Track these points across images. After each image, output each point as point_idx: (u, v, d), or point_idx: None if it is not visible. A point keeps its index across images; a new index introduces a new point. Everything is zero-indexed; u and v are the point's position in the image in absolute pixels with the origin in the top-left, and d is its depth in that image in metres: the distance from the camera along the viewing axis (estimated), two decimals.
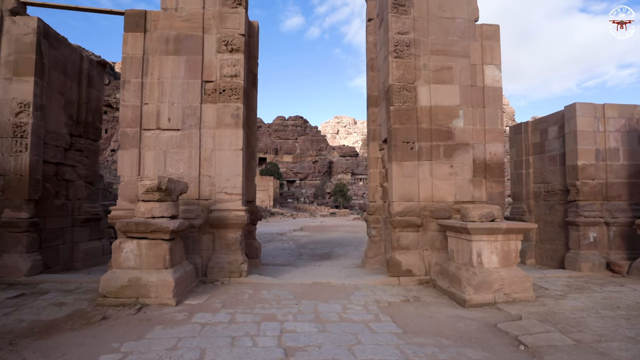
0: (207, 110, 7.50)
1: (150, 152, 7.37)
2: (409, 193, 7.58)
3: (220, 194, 7.35)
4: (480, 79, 7.87)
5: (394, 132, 7.61)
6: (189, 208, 7.19)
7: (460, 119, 7.76)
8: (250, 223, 9.23)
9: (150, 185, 5.70)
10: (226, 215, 7.19)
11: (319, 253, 12.58)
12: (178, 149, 7.39)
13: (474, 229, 5.97)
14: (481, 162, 7.79)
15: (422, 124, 7.71)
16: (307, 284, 7.13)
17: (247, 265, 7.32)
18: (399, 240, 7.50)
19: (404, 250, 7.50)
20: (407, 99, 7.67)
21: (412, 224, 7.47)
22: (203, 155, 7.43)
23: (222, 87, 7.47)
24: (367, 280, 7.37)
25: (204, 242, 7.32)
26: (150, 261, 5.70)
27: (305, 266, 9.82)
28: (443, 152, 7.69)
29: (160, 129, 7.41)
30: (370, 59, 9.74)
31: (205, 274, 7.20)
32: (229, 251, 7.27)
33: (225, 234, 7.27)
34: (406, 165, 7.59)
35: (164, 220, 5.75)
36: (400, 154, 7.59)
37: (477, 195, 7.73)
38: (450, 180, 7.67)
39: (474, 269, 6.06)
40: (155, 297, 5.56)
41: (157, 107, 7.43)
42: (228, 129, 7.42)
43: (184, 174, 7.35)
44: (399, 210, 7.51)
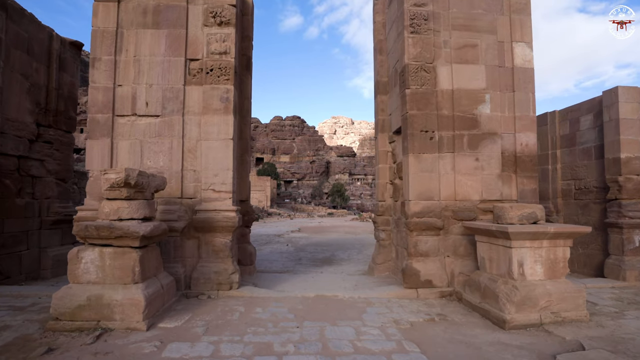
0: (191, 93, 6.32)
1: (124, 142, 6.18)
2: (428, 190, 6.43)
3: (206, 192, 6.17)
4: (508, 58, 6.74)
5: (411, 120, 6.46)
6: (170, 208, 6.01)
7: (487, 104, 6.63)
8: (243, 225, 8.07)
9: (116, 180, 4.52)
10: (214, 217, 6.01)
11: (319, 257, 11.43)
12: (157, 139, 6.21)
13: (515, 233, 4.83)
14: (511, 155, 6.66)
15: (443, 110, 6.57)
16: (310, 298, 5.96)
17: (238, 275, 6.14)
18: (416, 245, 6.35)
19: (422, 258, 6.35)
20: (426, 81, 6.53)
21: (431, 226, 6.33)
22: (187, 146, 6.25)
23: (210, 66, 6.30)
24: (380, 293, 6.22)
25: (187, 248, 6.13)
26: (115, 274, 4.52)
27: (306, 273, 8.67)
28: (467, 142, 6.55)
29: (136, 115, 6.22)
30: (379, 41, 8.60)
31: (188, 286, 6.02)
32: (217, 259, 6.09)
33: (213, 239, 6.09)
34: (425, 158, 6.44)
35: (133, 224, 4.57)
36: (417, 144, 6.44)
37: (507, 192, 6.60)
38: (475, 175, 6.54)
39: (515, 281, 4.92)
40: (121, 319, 4.37)
41: (133, 90, 6.24)
42: (216, 115, 6.24)
43: (164, 167, 6.16)
44: (417, 210, 6.37)
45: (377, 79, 8.62)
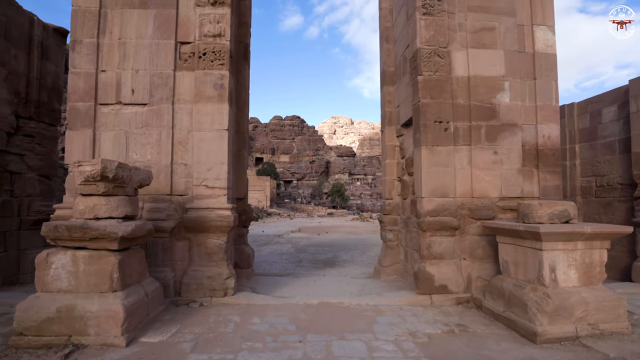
0: (182, 79, 5.71)
1: (107, 133, 5.57)
2: (443, 187, 5.82)
3: (199, 188, 5.56)
4: (529, 43, 6.14)
5: (423, 109, 5.86)
6: (158, 206, 5.39)
7: (506, 92, 6.03)
8: (240, 225, 7.46)
9: (92, 172, 3.90)
10: (207, 216, 5.40)
11: (321, 259, 10.81)
12: (144, 130, 5.59)
13: (548, 233, 4.22)
14: (532, 148, 6.06)
15: (458, 99, 5.96)
16: (313, 306, 5.35)
17: (234, 280, 5.52)
18: (430, 247, 5.75)
19: (436, 260, 5.74)
20: (439, 67, 5.93)
21: (446, 226, 5.72)
22: (177, 138, 5.64)
23: (203, 50, 5.69)
24: (391, 299, 5.61)
25: (177, 250, 5.52)
26: (90, 281, 3.90)
27: (307, 276, 8.07)
28: (485, 134, 5.95)
29: (121, 104, 5.61)
30: (385, 29, 8.00)
31: (178, 293, 5.41)
32: (210, 262, 5.48)
33: (206, 240, 5.47)
34: (439, 151, 5.84)
35: (112, 223, 3.95)
36: (431, 136, 5.83)
37: (528, 189, 6.00)
38: (494, 170, 5.93)
39: (546, 288, 4.32)
40: (96, 334, 3.76)
41: (118, 75, 5.63)
42: (210, 104, 5.63)
43: (152, 161, 5.55)
44: (430, 208, 5.76)
45: (383, 69, 8.01)
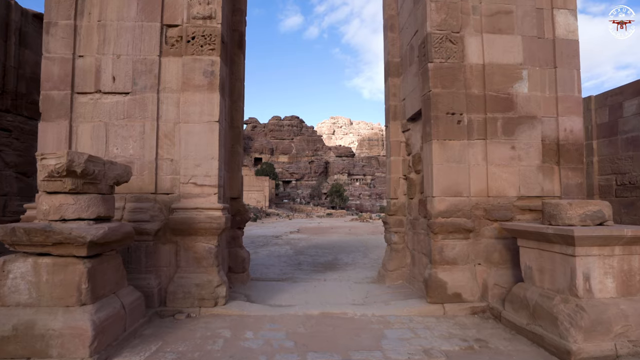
0: (168, 65, 5.14)
1: (85, 125, 5.00)
2: (456, 185, 5.27)
3: (186, 186, 4.99)
4: (549, 28, 5.60)
5: (434, 99, 5.30)
6: (141, 206, 4.82)
7: (524, 82, 5.48)
8: (235, 227, 6.90)
9: (56, 167, 3.33)
10: (195, 217, 4.83)
11: (321, 261, 10.24)
12: (126, 121, 5.02)
13: (583, 237, 3.66)
14: (552, 142, 5.51)
15: (472, 89, 5.41)
16: (313, 317, 4.78)
17: (225, 288, 4.95)
18: (442, 251, 5.19)
19: (449, 266, 5.18)
20: (451, 54, 5.37)
21: (460, 228, 5.16)
22: (162, 130, 5.07)
23: (191, 34, 5.12)
24: (399, 309, 5.04)
25: (162, 255, 4.95)
26: (54, 294, 3.33)
27: (307, 281, 7.50)
28: (501, 127, 5.40)
29: (100, 93, 5.04)
30: (389, 17, 7.45)
31: (164, 302, 4.83)
32: (198, 268, 4.90)
33: (194, 244, 4.90)
34: (451, 146, 5.28)
35: (80, 226, 3.39)
36: (442, 129, 5.28)
37: (548, 187, 5.45)
38: (511, 166, 5.38)
39: (579, 300, 3.76)
40: (60, 355, 3.18)
41: (97, 61, 5.06)
42: (199, 93, 5.06)
43: (135, 156, 4.98)
44: (442, 209, 5.20)
45: (387, 60, 7.46)
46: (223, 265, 5.81)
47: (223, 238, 5.75)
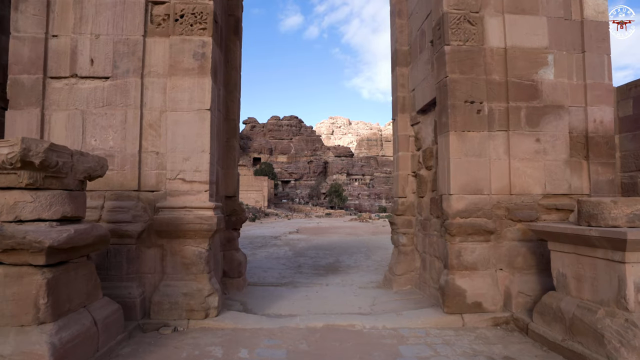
0: (154, 47, 4.54)
1: (60, 113, 4.39)
2: (475, 181, 4.69)
3: (174, 182, 4.39)
4: (576, 8, 5.03)
5: (452, 86, 4.72)
6: (122, 205, 4.22)
7: (549, 67, 4.90)
8: (230, 227, 6.31)
9: (9, 156, 2.73)
10: (183, 217, 4.23)
11: (322, 264, 9.65)
12: (106, 109, 4.42)
13: (637, 240, 3.09)
14: (580, 135, 4.94)
15: (493, 75, 4.83)
16: (317, 330, 4.20)
17: (217, 297, 4.35)
18: (460, 255, 4.60)
19: (467, 272, 4.60)
20: (470, 36, 4.80)
21: (480, 229, 4.58)
22: (147, 119, 4.47)
23: (180, 11, 4.52)
24: (413, 321, 4.45)
25: (146, 260, 4.35)
26: (5, 311, 2.73)
27: (308, 285, 6.93)
28: (525, 117, 4.82)
29: (77, 77, 4.44)
30: (397, 2, 6.88)
31: (148, 314, 4.23)
32: (187, 275, 4.30)
33: (182, 248, 4.30)
34: (471, 138, 4.70)
35: (39, 228, 2.79)
36: (461, 119, 4.70)
37: (576, 184, 4.88)
38: (536, 161, 4.80)
39: (630, 314, 3.18)
40: None
41: (73, 42, 4.45)
42: (188, 77, 4.46)
43: (116, 148, 4.38)
44: (460, 208, 4.62)
45: (395, 48, 6.89)
46: (216, 271, 5.22)
47: (216, 240, 5.16)
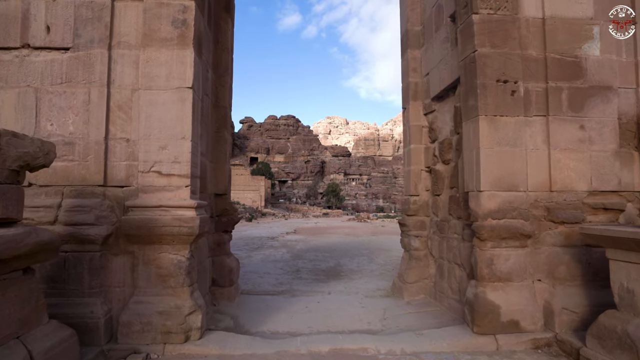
0: (125, 12, 3.72)
1: (8, 91, 3.57)
2: (510, 175, 3.90)
3: (147, 176, 3.57)
4: None
5: (481, 62, 3.93)
6: (83, 204, 3.41)
7: (595, 42, 4.13)
8: (220, 229, 5.52)
9: None
10: (158, 218, 3.42)
11: (322, 267, 8.86)
12: (66, 87, 3.61)
13: None
14: (630, 121, 4.17)
15: (529, 50, 4.06)
16: (322, 357, 3.39)
17: (200, 315, 3.54)
18: (492, 263, 3.82)
19: (501, 283, 3.82)
20: (502, 3, 4.01)
21: (516, 232, 3.80)
22: (115, 100, 3.65)
23: None
24: (436, 343, 3.66)
25: (114, 271, 3.53)
26: None
27: (308, 294, 6.15)
28: (567, 100, 4.05)
29: (30, 47, 3.62)
30: None
31: (115, 337, 3.42)
32: (163, 289, 3.49)
33: (157, 256, 3.48)
34: (504, 124, 3.92)
35: None
36: (492, 102, 3.91)
37: (627, 179, 4.10)
38: (580, 151, 4.03)
39: None
40: None
41: (25, 5, 3.63)
42: (166, 49, 3.65)
43: (77, 134, 3.56)
44: (493, 207, 3.83)
45: (405, 29, 6.10)
46: (202, 281, 4.40)
47: (201, 245, 4.35)
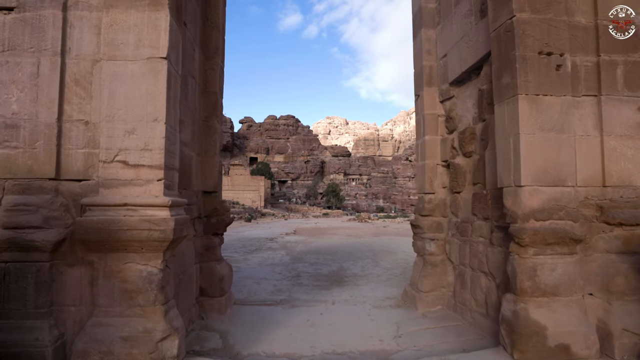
0: None
1: None
2: (556, 167, 3.18)
3: (111, 167, 2.84)
4: None
5: (520, 30, 3.21)
6: (28, 201, 2.68)
7: None
8: (211, 232, 4.82)
9: None
10: (123, 220, 2.69)
11: (324, 272, 8.14)
12: (8, 56, 2.88)
13: None
14: None
15: (577, 16, 3.34)
16: None
17: (177, 341, 2.80)
18: (535, 274, 3.10)
19: (546, 299, 3.09)
20: None
21: (565, 236, 3.08)
22: (72, 72, 2.93)
23: None
24: None
25: (68, 285, 2.80)
26: None
27: (309, 304, 5.44)
28: (623, 77, 3.33)
29: None
30: None
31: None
32: (129, 309, 2.75)
33: (122, 267, 2.75)
34: (548, 105, 3.20)
35: None
36: (534, 78, 3.19)
37: None
38: (639, 138, 3.32)
39: None
40: None
41: None
42: (135, 11, 2.92)
43: (22, 115, 2.83)
44: (536, 205, 3.11)
45: (419, 6, 5.39)
46: (186, 293, 3.68)
47: (184, 251, 3.63)
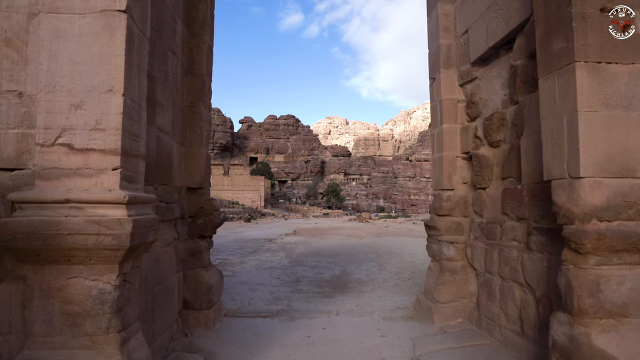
0: None
1: None
2: (623, 153, 2.50)
3: (51, 152, 2.15)
4: None
5: None
6: None
7: None
8: (197, 235, 4.14)
9: None
10: (64, 222, 2.00)
11: (325, 277, 7.46)
12: None
13: None
14: None
15: None
16: None
17: None
18: (599, 289, 2.41)
19: (613, 321, 2.41)
20: None
21: (636, 241, 2.40)
22: (2, 29, 2.23)
23: None
24: None
25: None
26: None
27: (311, 315, 4.77)
28: None
29: None
30: None
31: None
32: (75, 337, 2.07)
33: (65, 283, 2.06)
34: (613, 75, 2.51)
35: None
36: (595, 41, 2.51)
37: None
38: None
39: None
40: None
41: None
42: None
43: None
44: (599, 202, 2.43)
45: None
46: (164, 307, 2.99)
47: (160, 258, 2.94)
